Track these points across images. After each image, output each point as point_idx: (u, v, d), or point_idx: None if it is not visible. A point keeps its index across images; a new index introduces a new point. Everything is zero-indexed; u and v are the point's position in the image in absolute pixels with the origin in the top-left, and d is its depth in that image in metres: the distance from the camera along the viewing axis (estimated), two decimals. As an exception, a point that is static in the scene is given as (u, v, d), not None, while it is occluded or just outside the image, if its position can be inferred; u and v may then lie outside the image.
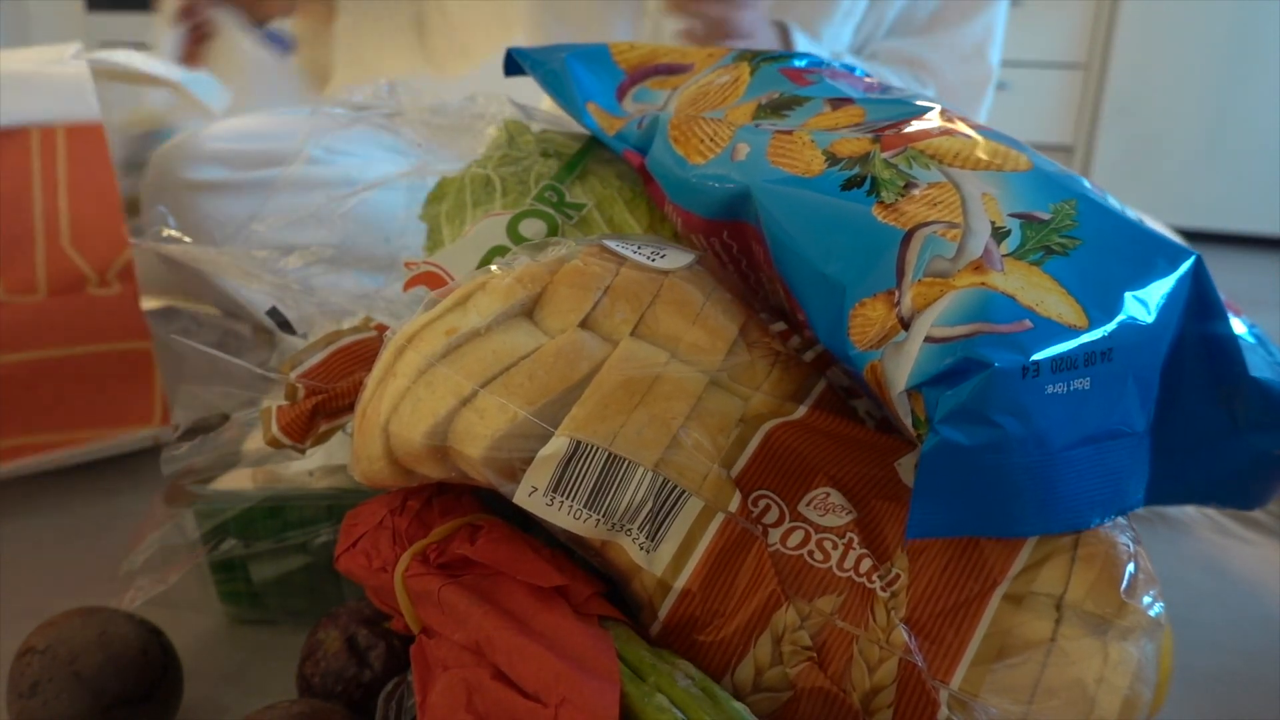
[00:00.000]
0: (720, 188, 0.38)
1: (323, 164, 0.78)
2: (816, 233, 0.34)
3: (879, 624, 0.31)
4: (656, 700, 0.29)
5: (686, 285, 0.36)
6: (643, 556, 0.32)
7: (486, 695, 0.29)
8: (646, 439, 0.32)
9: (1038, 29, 2.06)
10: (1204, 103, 1.98)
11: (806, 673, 0.31)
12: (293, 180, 0.75)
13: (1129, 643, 0.29)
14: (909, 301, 0.29)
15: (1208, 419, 0.33)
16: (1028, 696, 0.29)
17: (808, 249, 0.34)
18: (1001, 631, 0.29)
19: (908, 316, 0.29)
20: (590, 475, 0.32)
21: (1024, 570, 0.30)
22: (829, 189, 0.34)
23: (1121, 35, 1.99)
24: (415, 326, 0.35)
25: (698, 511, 0.33)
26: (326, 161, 0.78)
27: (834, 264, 0.33)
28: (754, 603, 0.32)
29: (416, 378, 0.33)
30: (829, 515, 0.33)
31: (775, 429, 0.35)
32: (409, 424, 0.33)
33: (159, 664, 0.39)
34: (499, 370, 0.33)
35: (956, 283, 0.29)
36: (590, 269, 0.35)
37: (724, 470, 0.33)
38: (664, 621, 0.33)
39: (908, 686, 0.30)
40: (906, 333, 0.29)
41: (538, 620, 0.31)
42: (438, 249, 0.52)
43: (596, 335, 0.34)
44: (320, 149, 0.77)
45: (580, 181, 0.49)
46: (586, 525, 0.32)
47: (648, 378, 0.33)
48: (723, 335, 0.35)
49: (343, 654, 0.39)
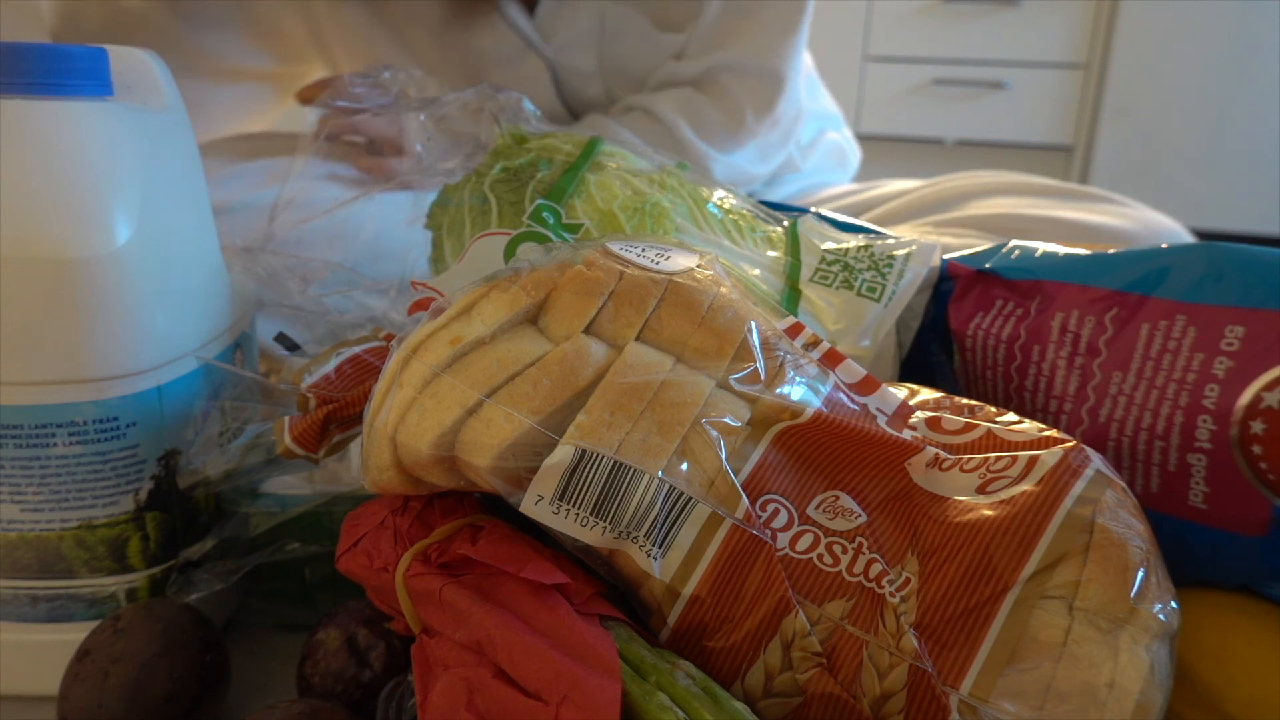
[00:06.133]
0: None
1: (318, 179, 0.77)
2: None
3: (889, 629, 0.31)
4: (658, 699, 0.29)
5: (691, 287, 0.36)
6: (650, 564, 0.32)
7: (487, 694, 0.29)
8: (652, 445, 0.32)
9: (1038, 29, 2.06)
10: (1204, 103, 1.99)
11: (816, 678, 0.31)
12: (303, 169, 0.74)
13: (1141, 646, 0.29)
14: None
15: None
16: (1038, 701, 0.28)
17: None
18: (1012, 636, 0.29)
19: None
20: (596, 483, 0.32)
21: (1035, 574, 0.30)
22: None
23: (1121, 35, 1.99)
24: (420, 336, 0.35)
25: (705, 517, 0.32)
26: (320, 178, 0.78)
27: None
28: (763, 608, 0.32)
29: (422, 388, 0.33)
30: (838, 519, 0.33)
31: (783, 432, 0.35)
32: (415, 434, 0.33)
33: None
34: (504, 379, 0.33)
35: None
36: (594, 274, 0.35)
37: (731, 475, 0.33)
38: (673, 628, 0.33)
39: (918, 692, 0.30)
40: None
41: (539, 619, 0.31)
42: (440, 263, 0.52)
43: (601, 341, 0.34)
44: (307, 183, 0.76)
45: (578, 196, 0.49)
46: (593, 533, 0.32)
47: (653, 383, 0.33)
48: (729, 338, 0.35)
49: (343, 654, 0.39)
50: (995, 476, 0.33)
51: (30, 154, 0.39)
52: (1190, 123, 2.00)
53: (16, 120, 0.39)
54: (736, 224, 0.51)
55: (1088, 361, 0.42)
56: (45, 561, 0.42)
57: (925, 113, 2.19)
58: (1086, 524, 0.31)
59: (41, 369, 0.39)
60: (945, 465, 0.34)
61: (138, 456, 0.42)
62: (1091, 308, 0.43)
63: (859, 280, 0.49)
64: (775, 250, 0.51)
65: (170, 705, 0.37)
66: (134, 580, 0.44)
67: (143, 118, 0.43)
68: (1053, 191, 0.81)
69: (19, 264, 0.38)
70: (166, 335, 0.43)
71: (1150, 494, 0.39)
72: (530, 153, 0.53)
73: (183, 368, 0.44)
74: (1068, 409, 0.42)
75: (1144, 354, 0.40)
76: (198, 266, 0.46)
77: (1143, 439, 0.39)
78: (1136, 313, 0.41)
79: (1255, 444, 0.36)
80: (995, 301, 0.47)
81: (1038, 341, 0.44)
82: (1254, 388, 0.36)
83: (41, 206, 0.39)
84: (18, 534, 0.41)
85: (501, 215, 0.49)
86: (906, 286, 0.49)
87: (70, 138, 0.40)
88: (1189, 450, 0.37)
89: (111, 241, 0.39)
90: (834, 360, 0.38)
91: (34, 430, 0.40)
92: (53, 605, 0.43)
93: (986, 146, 2.18)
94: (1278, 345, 0.36)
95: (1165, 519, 0.38)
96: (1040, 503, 0.31)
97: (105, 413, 0.40)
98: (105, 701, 0.36)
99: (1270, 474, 0.35)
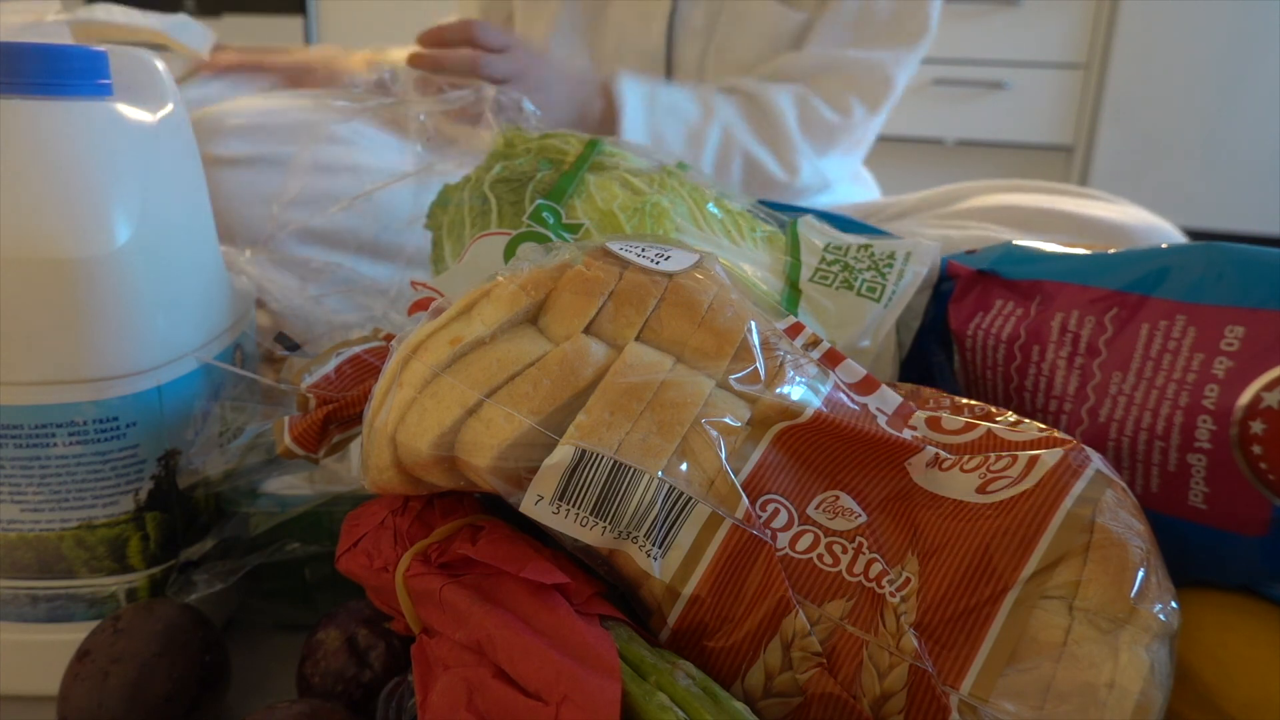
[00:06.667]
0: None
1: (343, 143, 0.78)
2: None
3: (889, 629, 0.31)
4: (658, 699, 0.29)
5: (691, 287, 0.36)
6: (650, 564, 0.32)
7: (487, 694, 0.29)
8: (652, 445, 0.32)
9: (1038, 29, 2.06)
10: (1204, 103, 1.99)
11: (816, 678, 0.31)
12: (311, 159, 0.75)
13: (1141, 646, 0.29)
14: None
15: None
16: (1038, 701, 0.28)
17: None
18: (1012, 636, 0.29)
19: None
20: (596, 483, 0.32)
21: (1035, 574, 0.30)
22: None
23: (1121, 35, 1.99)
24: (420, 336, 0.35)
25: (705, 517, 0.32)
26: (347, 141, 0.79)
27: None
28: (764, 608, 0.32)
29: (422, 388, 0.33)
30: (838, 519, 0.33)
31: (783, 431, 0.35)
32: (415, 434, 0.33)
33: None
34: (504, 379, 0.33)
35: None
36: (594, 274, 0.35)
37: (731, 475, 0.33)
38: (674, 628, 0.33)
39: (918, 692, 0.30)
40: None
41: (539, 619, 0.31)
42: (440, 263, 0.52)
43: (601, 341, 0.34)
44: (343, 127, 0.78)
45: (578, 196, 0.49)
46: (593, 533, 0.32)
47: (653, 383, 0.33)
48: (729, 337, 0.35)
49: (343, 654, 0.39)
50: (995, 476, 0.33)
51: (30, 154, 0.39)
52: (1190, 123, 2.00)
53: (16, 120, 0.39)
54: (736, 224, 0.51)
55: (1088, 361, 0.42)
56: (45, 561, 0.42)
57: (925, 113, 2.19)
58: (1086, 524, 0.31)
59: (41, 369, 0.39)
60: (945, 465, 0.34)
61: (138, 456, 0.42)
62: (1091, 308, 0.43)
63: (859, 280, 0.49)
64: (775, 250, 0.51)
65: (170, 705, 0.37)
66: (134, 580, 0.44)
67: (143, 118, 0.43)
68: (1052, 189, 0.82)
69: (19, 264, 0.38)
70: (166, 335, 0.43)
71: (1150, 494, 0.39)
72: (530, 153, 0.53)
73: (183, 368, 0.44)
74: (1068, 409, 0.42)
75: (1144, 354, 0.40)
76: (198, 266, 0.46)
77: (1143, 439, 0.39)
78: (1136, 313, 0.41)
79: (1255, 444, 0.36)
80: (995, 301, 0.47)
81: (1038, 341, 0.44)
82: (1254, 388, 0.36)
83: (41, 206, 0.39)
84: (18, 534, 0.41)
85: (501, 215, 0.49)
86: (906, 286, 0.49)
87: (70, 138, 0.40)
88: (1189, 450, 0.37)
89: (111, 241, 0.39)
90: (834, 360, 0.38)
91: (34, 430, 0.40)
92: (53, 605, 0.43)
93: (986, 146, 2.18)
94: (1278, 345, 0.36)
95: (1165, 519, 0.38)
96: (1040, 503, 0.31)
97: (105, 413, 0.40)
98: (105, 701, 0.36)
99: (1270, 474, 0.35)
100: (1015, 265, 0.48)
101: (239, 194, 0.75)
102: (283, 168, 0.75)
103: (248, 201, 0.75)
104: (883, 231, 0.56)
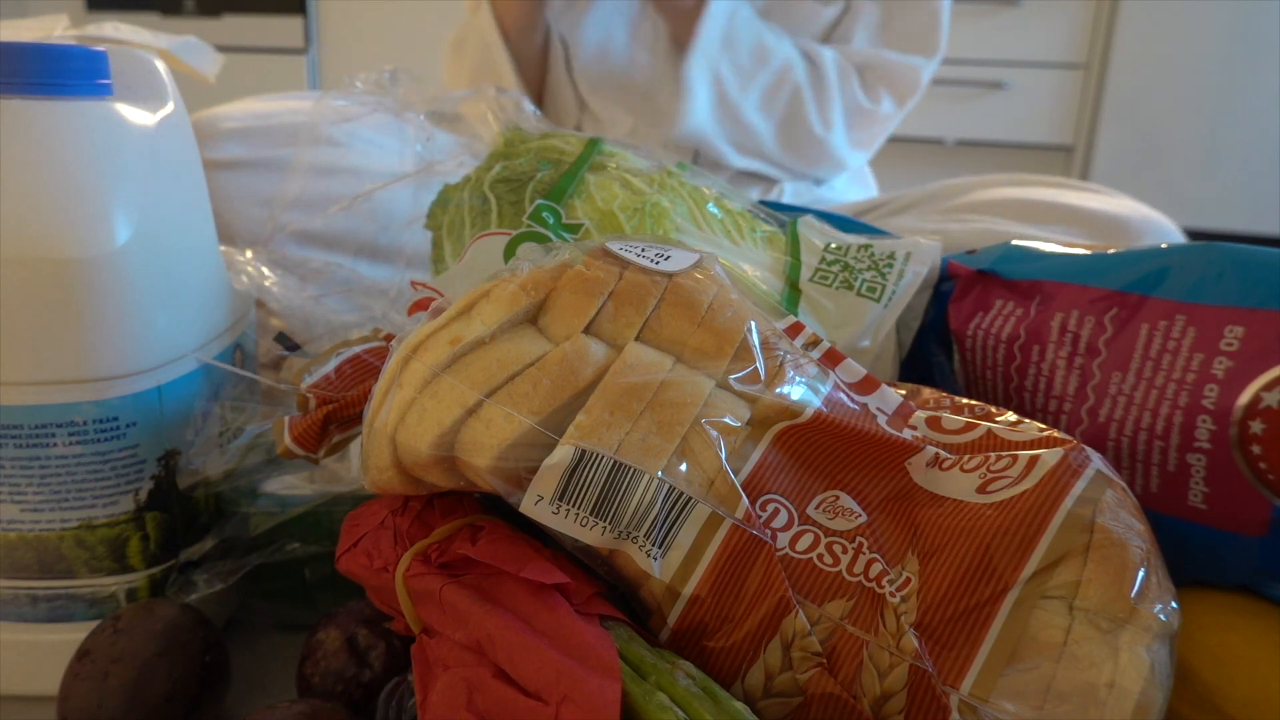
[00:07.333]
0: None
1: (340, 145, 0.79)
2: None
3: (889, 629, 0.31)
4: (658, 699, 0.29)
5: (691, 287, 0.36)
6: (650, 564, 0.32)
7: (487, 694, 0.29)
8: (651, 445, 0.32)
9: (1038, 29, 2.06)
10: (1204, 103, 1.99)
11: (817, 678, 0.31)
12: (309, 162, 0.75)
13: (1141, 646, 0.29)
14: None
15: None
16: (1039, 701, 0.28)
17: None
18: (1012, 636, 0.29)
19: None
20: (596, 483, 0.32)
21: (1036, 574, 0.30)
22: None
23: (1121, 35, 1.99)
24: (420, 336, 0.35)
25: (705, 517, 0.32)
26: (344, 144, 0.79)
27: None
28: (764, 608, 0.32)
29: (422, 388, 0.33)
30: (838, 519, 0.33)
31: (783, 431, 0.35)
32: (415, 434, 0.33)
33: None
34: (503, 379, 0.33)
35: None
36: (593, 274, 0.35)
37: (731, 475, 0.33)
38: (674, 628, 0.33)
39: (918, 692, 0.30)
40: None
41: (539, 619, 0.31)
42: (440, 263, 0.52)
43: (601, 341, 0.34)
44: (339, 130, 0.78)
45: (578, 196, 0.49)
46: (593, 533, 0.32)
47: (652, 383, 0.33)
48: (728, 337, 0.35)
49: (343, 654, 0.39)
50: (995, 476, 0.33)
51: (30, 154, 0.39)
52: (1190, 123, 2.00)
53: (16, 120, 0.39)
54: (736, 224, 0.51)
55: (1087, 361, 0.42)
56: (45, 561, 0.42)
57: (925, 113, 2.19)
58: (1086, 524, 0.31)
59: (41, 369, 0.39)
60: (945, 465, 0.34)
61: (138, 456, 0.42)
62: (1091, 308, 0.43)
63: (859, 280, 0.49)
64: (775, 250, 0.51)
65: (170, 705, 0.37)
66: (134, 580, 0.44)
67: (143, 118, 0.43)
68: (1052, 183, 0.82)
69: (19, 264, 0.38)
70: (166, 335, 0.43)
71: (1150, 494, 0.39)
72: (530, 153, 0.53)
73: (183, 368, 0.44)
74: (1067, 409, 0.42)
75: (1144, 354, 0.40)
76: (198, 267, 0.46)
77: (1142, 439, 0.39)
78: (1136, 313, 0.41)
79: (1255, 444, 0.36)
80: (995, 301, 0.47)
81: (1037, 341, 0.44)
82: (1253, 388, 0.36)
83: (41, 206, 0.38)
84: (18, 534, 0.41)
85: (501, 215, 0.49)
86: (906, 286, 0.49)
87: (70, 138, 0.40)
88: (1189, 450, 0.37)
89: (111, 241, 0.39)
90: (834, 360, 0.38)
91: (34, 430, 0.40)
92: (53, 605, 0.43)
93: (986, 146, 2.18)
94: (1277, 345, 0.36)
95: (1165, 519, 0.38)
96: (1040, 503, 0.31)
97: (105, 413, 0.40)
98: (105, 701, 0.36)
99: (1270, 474, 0.35)
100: (1015, 265, 0.48)
101: (235, 197, 0.75)
102: (279, 170, 0.75)
103: (244, 204, 0.75)
104: (882, 231, 0.56)
